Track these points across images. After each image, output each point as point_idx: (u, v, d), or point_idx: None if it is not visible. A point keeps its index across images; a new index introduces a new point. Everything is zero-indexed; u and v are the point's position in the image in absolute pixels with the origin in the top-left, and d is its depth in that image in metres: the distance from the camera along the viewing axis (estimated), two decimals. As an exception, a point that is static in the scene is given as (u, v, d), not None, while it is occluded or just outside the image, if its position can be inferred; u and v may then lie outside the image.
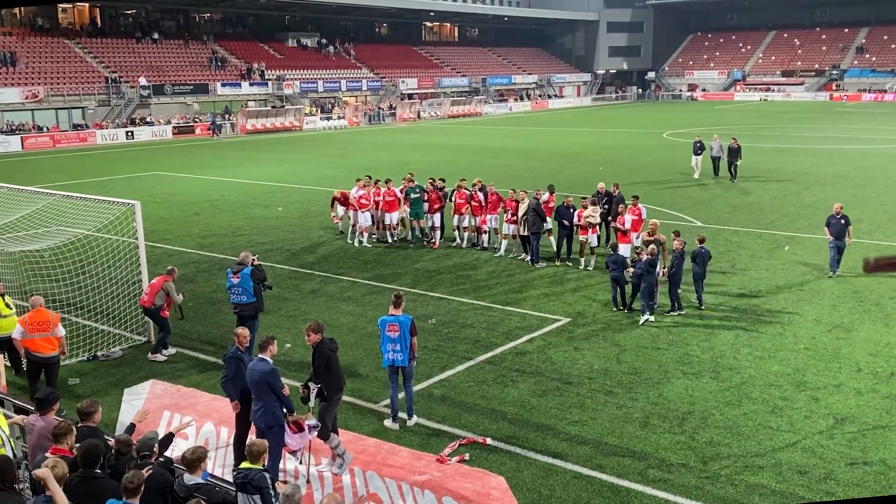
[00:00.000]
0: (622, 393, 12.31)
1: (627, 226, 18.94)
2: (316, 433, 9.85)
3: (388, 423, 11.36)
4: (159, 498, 7.17)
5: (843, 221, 18.48)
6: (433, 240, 22.69)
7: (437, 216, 22.52)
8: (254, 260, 14.00)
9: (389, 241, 23.06)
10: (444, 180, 23.30)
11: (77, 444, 7.47)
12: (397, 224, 23.15)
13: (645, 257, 15.88)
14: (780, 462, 10.13)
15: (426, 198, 22.52)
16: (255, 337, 12.94)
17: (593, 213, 19.79)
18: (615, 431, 11.04)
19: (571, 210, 20.01)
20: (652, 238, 16.92)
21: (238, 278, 13.49)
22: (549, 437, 10.91)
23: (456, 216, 22.18)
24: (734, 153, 32.89)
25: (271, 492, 7.53)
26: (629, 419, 11.41)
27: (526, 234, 20.26)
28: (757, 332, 14.94)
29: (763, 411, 11.57)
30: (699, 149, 33.97)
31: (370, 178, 23.81)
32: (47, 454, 7.42)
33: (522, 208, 20.13)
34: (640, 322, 15.56)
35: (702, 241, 16.53)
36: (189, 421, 9.85)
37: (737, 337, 14.72)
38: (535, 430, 11.16)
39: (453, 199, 22.20)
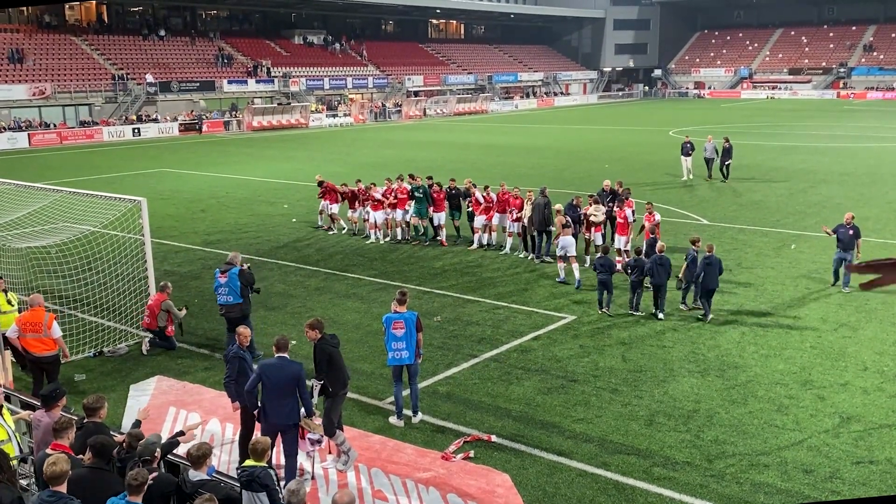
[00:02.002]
0: (627, 391, 12.30)
1: (631, 220, 19.15)
2: (317, 448, 9.81)
3: (392, 419, 11.36)
4: (162, 502, 7.20)
5: (851, 232, 17.21)
6: (439, 237, 22.62)
7: (443, 215, 22.39)
8: (246, 267, 14.01)
9: (399, 237, 23.06)
10: (430, 178, 23.15)
11: (86, 441, 7.50)
12: (408, 221, 23.06)
13: (654, 254, 16.00)
14: (786, 461, 10.11)
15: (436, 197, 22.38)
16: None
17: (596, 213, 19.75)
18: (620, 429, 11.03)
19: (578, 209, 19.99)
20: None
21: (225, 278, 13.45)
22: (554, 435, 10.90)
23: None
24: (726, 153, 32.13)
25: (277, 488, 7.55)
26: (634, 417, 11.39)
27: (533, 232, 20.29)
28: (763, 331, 14.90)
29: (769, 410, 11.54)
30: (689, 150, 32.96)
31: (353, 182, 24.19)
32: (48, 450, 7.45)
33: (528, 208, 20.10)
34: (660, 317, 15.69)
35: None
36: (197, 424, 9.86)
37: (742, 335, 14.69)
38: (539, 427, 11.15)
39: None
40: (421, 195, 22.33)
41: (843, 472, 9.82)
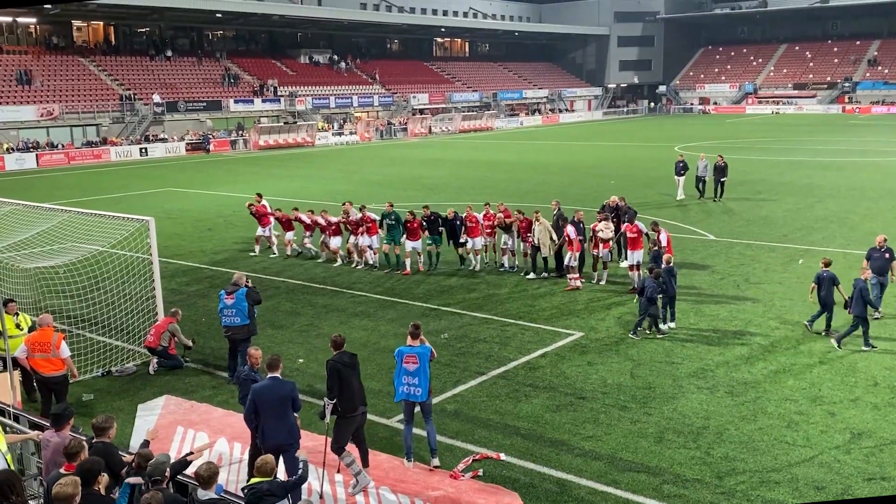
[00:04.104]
0: (636, 408, 12.24)
1: (604, 236, 19.46)
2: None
3: (403, 462, 10.68)
4: None
5: (886, 255, 16.35)
6: (405, 268, 21.42)
7: (419, 243, 21.25)
8: (248, 282, 14.02)
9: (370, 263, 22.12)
10: (427, 206, 22.04)
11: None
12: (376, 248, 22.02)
13: (664, 266, 16.15)
14: (797, 477, 10.03)
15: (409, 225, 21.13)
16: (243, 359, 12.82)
17: (605, 228, 19.71)
18: (630, 447, 10.97)
19: (581, 225, 19.93)
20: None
21: (233, 299, 13.40)
22: (563, 453, 10.85)
23: (470, 239, 21.22)
24: (720, 171, 31.14)
25: (286, 482, 7.76)
26: (644, 434, 11.33)
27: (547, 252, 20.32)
28: (772, 346, 14.84)
29: (779, 426, 11.47)
30: (682, 169, 31.75)
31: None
32: (62, 470, 7.46)
33: (537, 228, 19.86)
34: (664, 329, 15.71)
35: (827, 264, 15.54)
36: (206, 445, 9.85)
37: (751, 351, 14.62)
38: (548, 445, 11.10)
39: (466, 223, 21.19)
40: (392, 222, 21.33)
41: (855, 488, 9.74)
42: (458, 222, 21.31)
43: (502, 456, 10.78)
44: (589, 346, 15.14)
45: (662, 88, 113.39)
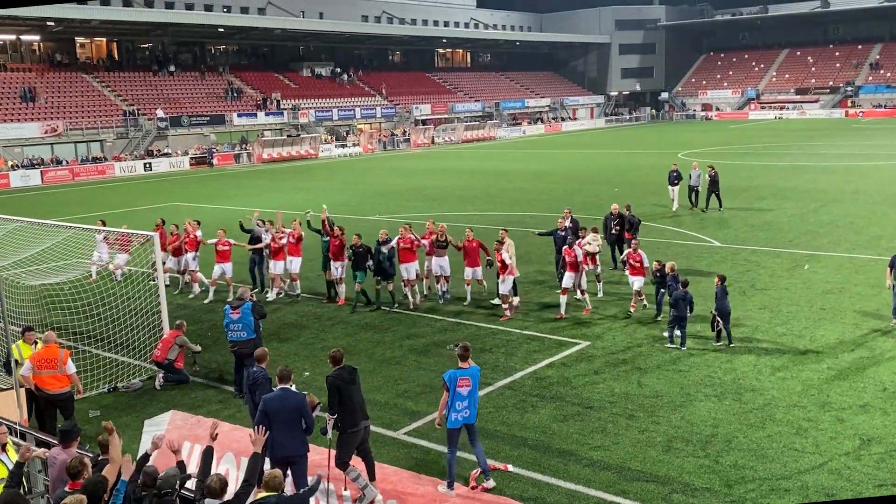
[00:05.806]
0: (644, 417, 12.18)
1: (591, 249, 18.56)
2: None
3: (441, 488, 10.08)
4: None
5: None
6: (339, 296, 19.74)
7: (341, 265, 19.41)
8: (252, 296, 14.02)
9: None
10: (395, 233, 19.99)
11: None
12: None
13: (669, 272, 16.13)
14: (807, 485, 9.96)
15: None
16: (248, 374, 12.75)
17: (591, 242, 18.94)
18: (638, 456, 10.91)
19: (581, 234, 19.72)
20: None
21: (238, 314, 13.39)
22: (572, 463, 10.80)
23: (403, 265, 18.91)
24: (714, 183, 29.90)
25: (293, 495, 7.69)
26: (652, 443, 11.27)
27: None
28: (779, 353, 14.77)
29: (787, 433, 11.40)
30: (676, 178, 30.72)
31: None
32: (66, 488, 7.43)
33: (510, 245, 18.03)
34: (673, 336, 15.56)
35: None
36: (160, 436, 9.45)
37: (758, 358, 14.55)
38: (556, 456, 11.05)
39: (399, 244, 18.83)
40: (327, 241, 19.58)
41: (866, 495, 9.67)
42: (383, 248, 18.55)
43: (510, 467, 10.73)
44: (595, 356, 15.08)
45: (665, 95, 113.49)
